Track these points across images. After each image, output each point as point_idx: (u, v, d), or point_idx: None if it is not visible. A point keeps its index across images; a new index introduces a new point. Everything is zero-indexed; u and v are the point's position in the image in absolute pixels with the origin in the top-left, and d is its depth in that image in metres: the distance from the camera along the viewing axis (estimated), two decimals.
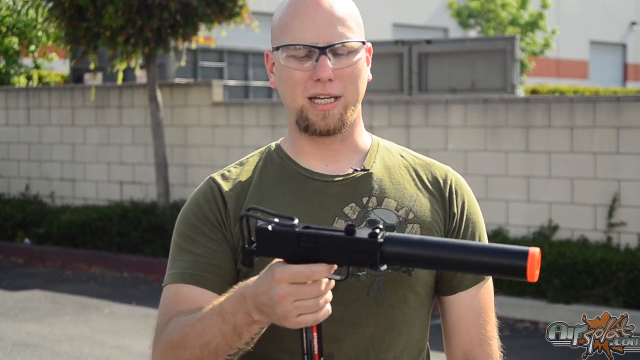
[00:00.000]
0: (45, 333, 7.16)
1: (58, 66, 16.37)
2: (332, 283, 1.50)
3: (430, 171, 1.89)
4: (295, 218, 1.51)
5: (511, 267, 1.43)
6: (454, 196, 1.87)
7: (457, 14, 22.80)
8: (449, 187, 1.88)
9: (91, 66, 10.56)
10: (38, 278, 9.51)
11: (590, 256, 7.61)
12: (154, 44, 9.67)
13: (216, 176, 1.86)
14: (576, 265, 7.62)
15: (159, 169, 10.19)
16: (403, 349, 1.81)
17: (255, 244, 1.52)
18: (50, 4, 9.98)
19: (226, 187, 1.83)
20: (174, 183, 10.73)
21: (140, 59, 10.14)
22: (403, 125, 9.21)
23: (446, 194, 1.87)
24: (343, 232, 1.48)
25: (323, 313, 1.49)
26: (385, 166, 1.87)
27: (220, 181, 1.84)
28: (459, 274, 1.85)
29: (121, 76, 10.93)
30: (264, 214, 1.55)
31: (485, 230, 1.92)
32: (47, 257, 10.51)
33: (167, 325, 1.72)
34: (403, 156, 1.91)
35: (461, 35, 25.34)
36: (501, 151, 8.64)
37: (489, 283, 1.90)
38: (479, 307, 1.87)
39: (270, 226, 1.50)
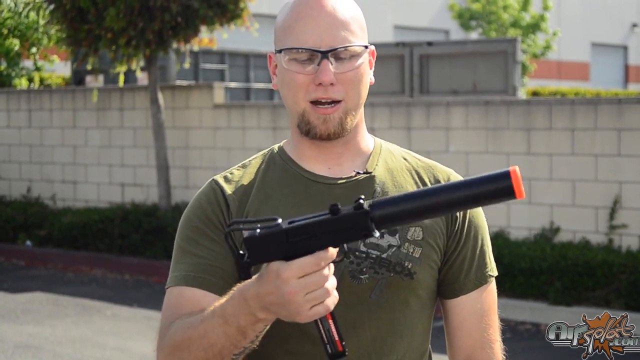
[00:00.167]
0: (46, 335, 7.16)
1: (59, 68, 16.37)
2: (333, 267, 1.51)
3: (432, 174, 1.89)
4: (277, 217, 1.51)
5: (499, 190, 1.46)
6: None
7: (459, 16, 22.80)
8: None
9: (88, 66, 10.55)
10: (39, 280, 9.51)
11: (591, 258, 7.61)
12: (155, 46, 9.67)
13: (219, 178, 1.85)
14: (577, 267, 7.61)
15: (161, 171, 10.19)
16: (405, 352, 1.81)
17: (247, 255, 1.52)
18: (51, 6, 9.98)
19: (229, 190, 1.83)
20: (176, 185, 10.72)
21: (141, 61, 10.14)
22: (404, 127, 9.20)
23: None
24: (328, 214, 1.49)
25: (332, 299, 1.50)
26: (387, 169, 1.86)
27: (222, 183, 1.84)
28: (461, 278, 1.85)
29: (122, 78, 10.94)
30: (246, 224, 1.56)
31: (488, 232, 1.90)
32: (49, 259, 10.51)
33: (170, 327, 1.71)
34: (406, 159, 1.90)
35: (462, 37, 25.32)
36: (502, 153, 8.63)
37: (492, 286, 1.89)
38: (481, 310, 1.86)
39: (256, 232, 1.50)
